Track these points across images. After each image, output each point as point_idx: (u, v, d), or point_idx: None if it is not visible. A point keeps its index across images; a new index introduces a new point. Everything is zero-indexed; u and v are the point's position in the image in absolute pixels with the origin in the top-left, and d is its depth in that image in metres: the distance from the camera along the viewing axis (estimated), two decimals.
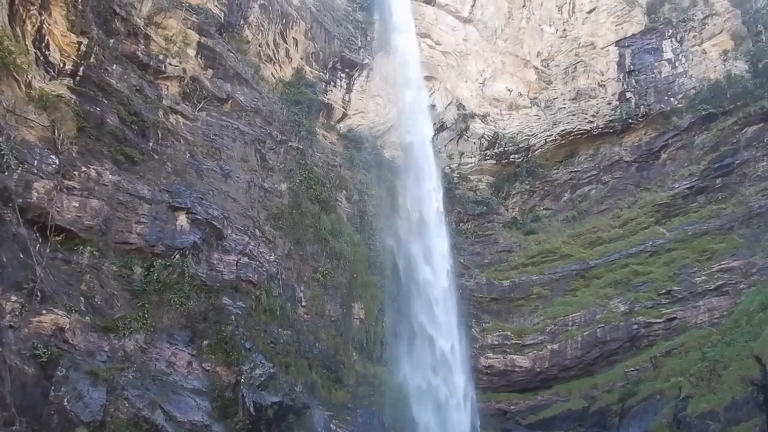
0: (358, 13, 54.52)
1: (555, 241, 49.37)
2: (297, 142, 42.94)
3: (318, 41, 49.51)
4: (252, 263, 33.64)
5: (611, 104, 54.31)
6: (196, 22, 38.51)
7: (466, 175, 55.49)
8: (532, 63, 58.34)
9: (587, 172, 53.82)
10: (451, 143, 55.86)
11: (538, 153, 55.72)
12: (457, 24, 58.32)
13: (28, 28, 26.72)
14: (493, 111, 56.70)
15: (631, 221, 47.96)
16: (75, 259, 26.35)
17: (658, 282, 42.74)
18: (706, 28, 53.57)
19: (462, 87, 56.66)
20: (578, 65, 56.47)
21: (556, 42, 58.91)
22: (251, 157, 38.96)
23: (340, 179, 45.91)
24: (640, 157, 52.21)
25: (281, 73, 46.77)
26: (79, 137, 27.86)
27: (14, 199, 23.68)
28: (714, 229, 43.69)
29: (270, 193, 38.63)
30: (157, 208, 30.29)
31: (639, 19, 56.35)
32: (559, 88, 56.94)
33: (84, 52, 29.13)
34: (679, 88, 52.58)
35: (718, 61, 51.93)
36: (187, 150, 34.29)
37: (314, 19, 49.53)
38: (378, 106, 52.44)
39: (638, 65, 54.86)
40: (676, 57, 53.87)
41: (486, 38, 58.56)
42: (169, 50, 35.90)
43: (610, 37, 56.60)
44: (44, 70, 27.63)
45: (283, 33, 46.96)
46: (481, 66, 57.78)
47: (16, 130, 24.75)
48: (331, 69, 50.41)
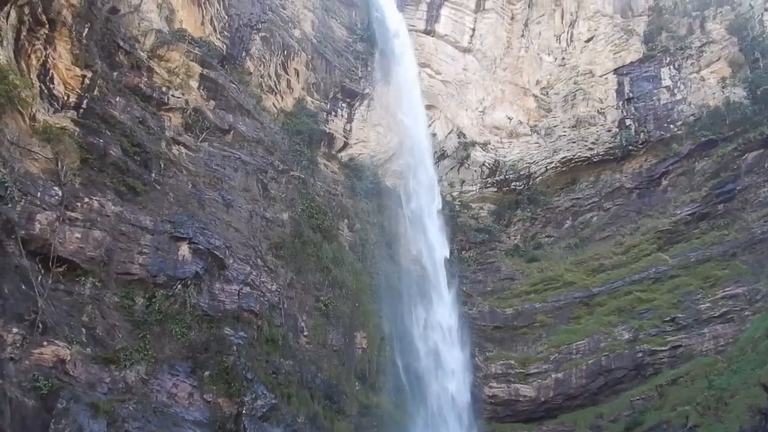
0: (359, 44, 55.19)
1: (557, 268, 49.18)
2: (299, 172, 43.16)
3: (319, 72, 50.08)
4: (254, 293, 33.55)
5: (611, 131, 54.59)
6: (198, 54, 39.03)
7: (467, 203, 55.62)
8: (532, 91, 58.82)
9: (588, 199, 53.87)
10: (452, 171, 56.13)
11: (539, 180, 55.88)
12: (456, 54, 59.03)
13: (33, 62, 27.09)
14: (494, 139, 57.04)
15: (633, 248, 47.81)
16: (77, 290, 26.31)
17: (662, 309, 42.42)
18: (704, 55, 54.06)
19: (462, 115, 57.12)
20: (577, 93, 56.91)
21: (555, 70, 59.45)
22: (253, 187, 39.12)
23: (342, 208, 46.03)
24: (641, 184, 52.28)
25: (283, 103, 47.22)
26: (82, 169, 28.03)
27: (17, 231, 23.75)
28: (717, 255, 43.51)
29: (272, 222, 38.70)
30: (159, 239, 30.33)
31: (637, 48, 56.93)
32: (558, 115, 57.30)
33: (88, 85, 29.52)
34: (678, 115, 52.87)
35: (717, 88, 52.30)
36: (189, 180, 34.46)
37: (315, 51, 50.16)
38: (379, 135, 52.84)
39: (637, 93, 55.27)
40: (675, 84, 54.29)
41: (485, 67, 59.17)
42: (171, 82, 36.34)
43: (608, 65, 57.14)
44: (48, 103, 27.93)
45: (284, 64, 47.53)
46: (481, 95, 58.28)
47: (20, 162, 24.94)
48: (332, 99, 50.93)
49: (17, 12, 25.49)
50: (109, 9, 33.70)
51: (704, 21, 57.40)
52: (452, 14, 59.97)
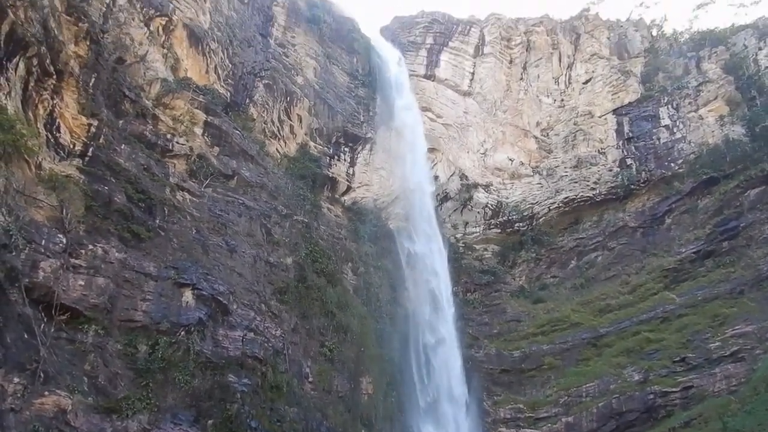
0: (360, 90, 56.01)
1: (564, 309, 48.73)
2: (302, 216, 43.24)
3: (321, 117, 50.70)
4: (258, 338, 33.16)
5: (612, 171, 54.89)
6: (203, 102, 39.61)
7: (471, 244, 55.55)
8: (532, 133, 59.39)
9: (593, 239, 53.77)
10: (455, 213, 56.25)
11: (542, 221, 55.92)
12: (456, 97, 59.88)
13: (40, 112, 27.46)
14: (496, 180, 57.31)
15: (639, 287, 47.46)
16: (79, 338, 26.03)
17: (672, 349, 41.80)
18: (701, 94, 54.75)
19: (464, 158, 57.55)
20: (577, 134, 57.44)
21: (555, 112, 60.15)
22: (257, 232, 39.13)
23: (346, 252, 45.96)
24: (645, 223, 52.27)
25: (286, 148, 47.66)
26: (86, 216, 28.10)
27: (21, 279, 23.66)
28: (724, 293, 43.12)
29: (276, 267, 38.56)
30: (163, 285, 30.16)
31: (634, 88, 57.72)
32: (559, 156, 57.72)
33: (94, 133, 29.83)
34: (678, 154, 53.25)
35: (716, 126, 52.79)
36: (193, 226, 34.49)
37: (317, 96, 50.91)
38: (382, 179, 53.16)
39: (637, 132, 55.80)
40: (674, 123, 54.83)
41: (486, 110, 59.90)
42: (176, 129, 36.76)
43: (607, 106, 57.84)
44: (54, 151, 28.19)
45: (287, 110, 48.16)
46: (482, 137, 58.84)
47: (26, 210, 25.03)
48: (334, 143, 51.45)
49: (26, 63, 25.97)
50: (116, 59, 34.38)
51: (700, 61, 58.41)
52: (452, 59, 61.11)
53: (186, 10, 42.20)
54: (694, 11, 67.21)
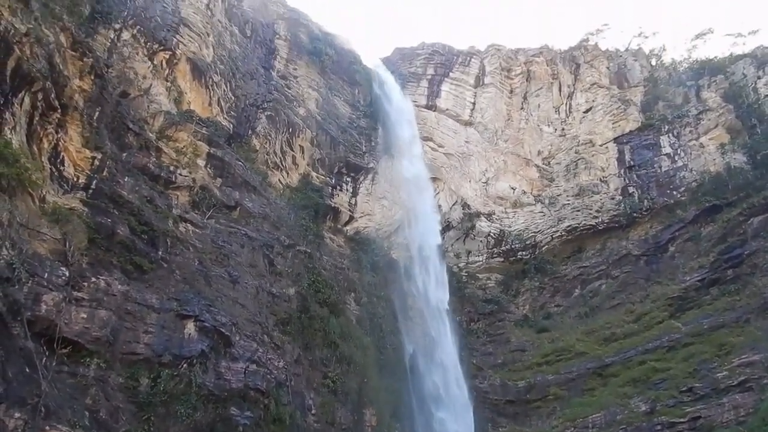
0: (362, 120, 56.44)
1: (569, 338, 48.33)
2: (305, 246, 43.21)
3: (324, 148, 51.03)
4: (260, 370, 32.86)
5: (615, 199, 54.95)
6: (205, 134, 39.92)
7: (474, 273, 55.41)
8: (534, 161, 59.65)
9: (596, 267, 53.57)
10: (457, 242, 56.22)
11: (545, 249, 55.82)
12: (458, 127, 60.34)
13: (44, 146, 27.67)
14: (498, 209, 57.40)
15: (644, 316, 47.09)
16: (81, 372, 25.81)
17: (679, 379, 41.26)
18: (701, 123, 55.04)
19: (466, 187, 57.73)
20: (579, 162, 57.66)
21: (556, 141, 60.48)
22: (259, 263, 39.07)
23: (349, 282, 45.81)
24: (648, 251, 52.09)
25: (288, 179, 47.87)
26: (89, 248, 28.09)
27: (23, 313, 23.56)
28: (730, 321, 42.73)
29: (278, 298, 38.40)
30: (165, 317, 30.01)
31: (635, 117, 58.07)
32: (561, 185, 57.87)
33: (97, 166, 30.03)
34: (680, 182, 53.34)
35: (717, 154, 52.96)
36: (196, 257, 34.45)
37: (320, 127, 51.31)
38: (384, 208, 53.27)
39: (638, 160, 55.99)
40: (675, 151, 55.03)
41: (487, 139, 60.27)
42: (179, 161, 36.97)
43: (608, 135, 58.16)
44: (58, 184, 28.34)
45: (289, 141, 48.50)
46: (484, 166, 59.09)
47: (29, 244, 25.04)
48: (337, 173, 51.68)
49: (31, 98, 26.25)
50: (120, 93, 34.81)
51: (699, 90, 58.86)
52: (452, 89, 61.73)
53: (189, 44, 42.84)
54: (693, 41, 67.62)
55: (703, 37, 67.06)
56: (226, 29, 48.42)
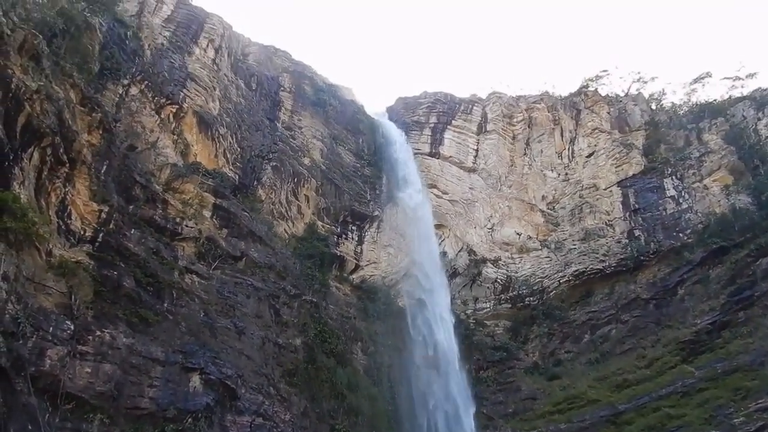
0: (367, 169, 56.88)
1: (580, 385, 47.33)
2: (311, 296, 43.01)
3: (329, 197, 51.32)
4: (266, 424, 32.33)
5: (621, 242, 54.72)
6: (211, 185, 40.30)
7: (482, 320, 54.79)
8: (538, 207, 59.72)
9: (605, 312, 52.90)
10: (464, 289, 55.81)
11: (553, 295, 55.31)
12: (462, 174, 60.68)
13: (52, 200, 27.94)
14: (504, 255, 57.18)
15: (656, 361, 46.19)
16: (84, 428, 25.38)
17: (695, 425, 40.13)
18: (704, 165, 55.20)
19: (471, 233, 57.68)
20: (584, 206, 57.69)
21: (560, 185, 60.67)
22: (265, 313, 38.85)
23: (355, 331, 45.39)
24: (657, 294, 51.52)
25: (294, 228, 47.99)
26: (95, 301, 28.04)
27: (27, 368, 23.36)
28: (744, 365, 41.85)
29: (284, 348, 38.03)
30: (171, 370, 29.70)
31: (638, 160, 58.33)
32: (567, 229, 57.77)
33: (104, 219, 30.26)
34: (686, 224, 53.16)
35: (721, 196, 52.93)
36: (201, 309, 34.30)
37: (324, 177, 51.70)
38: (390, 256, 53.16)
39: (643, 203, 55.96)
40: (679, 194, 55.04)
41: (491, 185, 60.53)
42: (185, 213, 37.20)
43: (611, 179, 58.35)
44: (65, 237, 28.50)
45: (295, 191, 48.84)
46: (489, 212, 59.18)
47: (34, 298, 25.02)
48: (342, 222, 51.81)
49: (40, 153, 26.65)
50: (127, 146, 35.31)
51: (700, 132, 59.26)
52: (455, 137, 62.37)
53: (196, 97, 43.66)
54: (691, 85, 68.24)
55: (701, 81, 67.80)
56: (232, 83, 49.41)
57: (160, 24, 45.87)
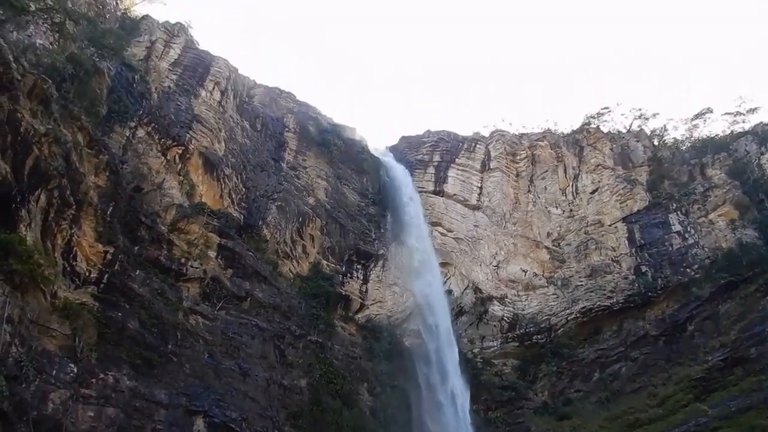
0: (371, 208, 56.98)
1: (591, 425, 46.34)
2: (316, 336, 42.67)
3: (333, 236, 51.32)
4: None
5: (628, 279, 54.34)
6: (217, 225, 40.42)
7: (489, 359, 54.07)
8: (544, 243, 59.55)
9: (614, 349, 52.17)
10: (471, 328, 55.28)
11: (560, 332, 54.68)
12: (466, 211, 60.71)
13: (58, 241, 28.01)
14: (510, 292, 56.78)
15: (668, 399, 45.29)
16: None
17: None
18: (709, 200, 55.13)
19: (477, 271, 57.41)
20: (589, 243, 57.52)
21: (565, 222, 60.60)
22: (270, 354, 38.51)
23: (361, 371, 44.84)
24: (666, 331, 50.85)
25: (299, 268, 47.88)
26: (99, 343, 27.90)
27: (29, 412, 23.08)
28: (759, 402, 40.91)
29: (289, 390, 37.56)
30: (174, 413, 29.32)
31: (642, 196, 58.34)
32: (573, 266, 57.48)
33: (109, 260, 30.30)
34: (693, 259, 52.82)
35: (727, 230, 52.73)
36: (205, 350, 34.05)
37: (329, 216, 51.81)
38: (395, 295, 52.87)
39: (648, 239, 55.74)
40: (685, 229, 54.84)
41: (496, 223, 60.51)
42: (190, 253, 37.24)
43: (616, 215, 58.29)
44: (70, 279, 28.49)
45: (299, 230, 48.88)
46: (494, 249, 59.02)
47: (38, 340, 24.90)
48: (347, 261, 51.68)
49: (47, 195, 26.83)
50: (133, 188, 35.57)
51: (704, 168, 59.35)
52: (459, 175, 62.61)
53: (202, 139, 44.12)
54: (693, 121, 68.63)
55: (702, 116, 68.19)
56: (237, 124, 49.98)
57: (167, 67, 46.65)
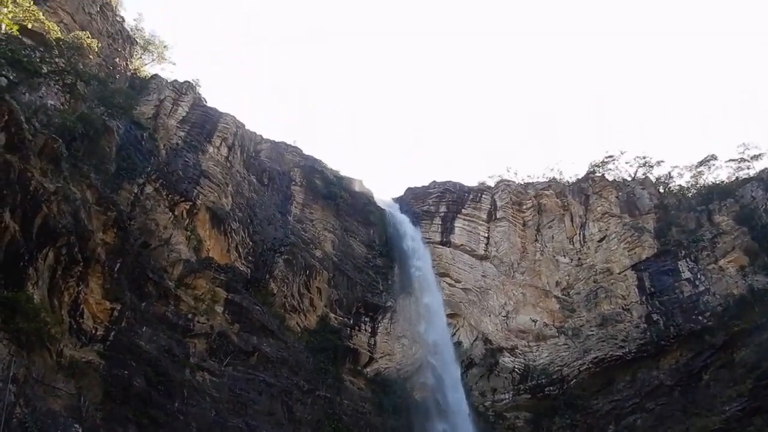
0: (378, 260, 56.93)
1: None
2: (324, 391, 42.07)
3: (341, 288, 51.16)
4: None
5: (639, 327, 53.59)
6: (224, 280, 40.44)
7: (501, 412, 52.92)
8: (553, 293, 59.07)
9: (629, 401, 51.00)
10: (481, 380, 54.34)
11: (573, 383, 53.61)
12: (474, 262, 60.52)
13: (65, 299, 28.07)
14: (521, 343, 56.03)
15: None
16: None
17: None
18: (718, 246, 54.82)
19: (486, 322, 56.83)
20: (599, 291, 57.02)
21: (573, 271, 60.24)
22: (278, 411, 37.91)
23: (371, 427, 43.99)
24: (681, 380, 49.81)
25: (306, 321, 47.58)
26: (104, 402, 27.61)
27: None
28: None
29: None
30: None
31: (650, 243, 58.06)
32: (583, 315, 56.83)
33: (116, 317, 30.32)
34: (705, 306, 52.16)
35: (738, 277, 52.23)
36: (212, 407, 33.59)
37: (336, 268, 51.76)
38: (404, 347, 52.27)
39: (659, 287, 55.20)
40: (695, 276, 54.35)
41: (504, 272, 60.21)
42: (197, 309, 37.17)
43: (625, 262, 57.92)
44: (76, 337, 28.42)
45: (307, 283, 48.76)
46: (503, 299, 58.56)
47: (43, 400, 24.64)
48: (355, 314, 51.36)
49: (55, 253, 27.04)
50: (141, 243, 35.77)
51: (711, 214, 59.19)
52: (466, 225, 62.68)
53: (209, 194, 44.54)
54: (697, 168, 68.89)
55: (707, 163, 68.39)
56: (244, 179, 50.53)
57: (176, 124, 47.50)
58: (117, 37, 52.32)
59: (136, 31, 58.96)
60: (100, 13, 49.17)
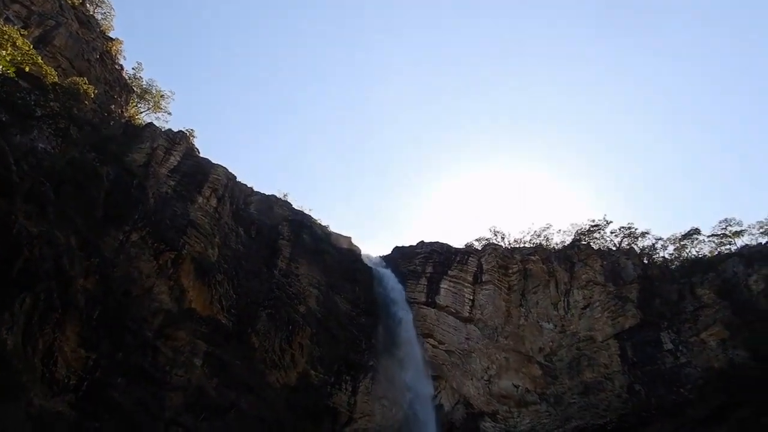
0: (363, 318, 56.64)
1: None
2: None
3: (323, 345, 50.68)
4: None
5: (621, 397, 53.14)
6: (205, 332, 40.06)
7: None
8: (536, 358, 58.68)
9: None
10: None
11: None
12: (458, 324, 60.30)
13: (39, 346, 27.69)
14: (502, 408, 55.31)
15: None
16: None
17: None
18: (700, 319, 55.02)
19: (468, 385, 56.22)
20: (581, 359, 56.74)
21: (557, 337, 60.05)
22: None
23: None
24: None
25: (286, 378, 46.90)
26: None
27: None
28: None
29: None
30: None
31: (633, 313, 58.18)
32: (566, 382, 56.37)
33: (91, 366, 29.92)
34: (686, 379, 51.97)
35: (719, 350, 52.27)
36: None
37: (320, 325, 51.40)
38: (384, 408, 51.45)
39: (641, 357, 55.04)
40: (677, 348, 54.35)
41: (488, 336, 59.93)
42: (176, 361, 36.68)
43: (608, 331, 57.88)
44: (48, 386, 27.90)
45: (289, 339, 48.32)
46: (486, 363, 58.09)
47: None
48: (336, 371, 50.76)
49: (32, 298, 26.84)
50: (122, 291, 35.50)
51: (693, 287, 59.60)
52: (451, 287, 62.70)
53: (196, 244, 44.55)
54: (681, 241, 69.86)
55: (690, 237, 69.35)
56: (232, 230, 50.65)
57: (166, 173, 47.90)
58: (114, 84, 53.32)
59: (134, 80, 60.15)
60: (99, 61, 50.22)
